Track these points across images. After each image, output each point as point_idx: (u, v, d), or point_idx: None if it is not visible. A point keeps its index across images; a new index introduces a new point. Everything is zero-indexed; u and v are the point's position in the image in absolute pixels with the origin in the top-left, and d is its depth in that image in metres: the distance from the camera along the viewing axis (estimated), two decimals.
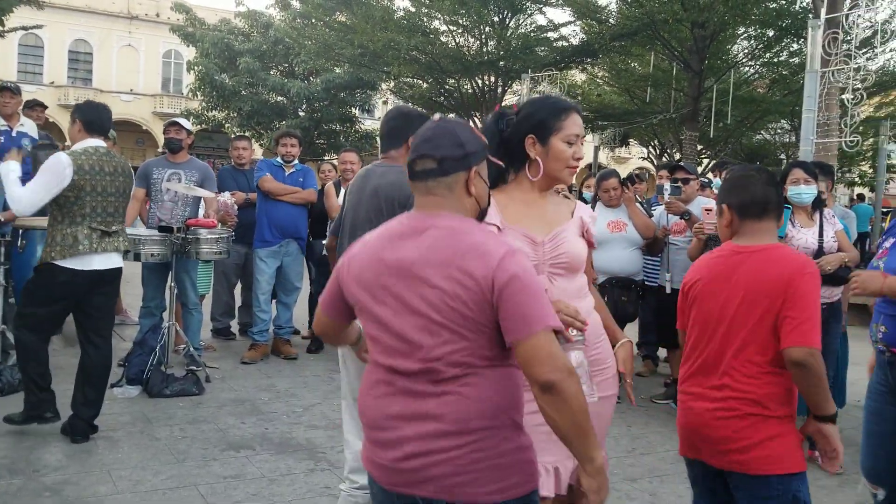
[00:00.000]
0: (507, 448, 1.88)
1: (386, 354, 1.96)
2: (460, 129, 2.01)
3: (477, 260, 1.85)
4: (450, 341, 1.86)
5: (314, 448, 4.58)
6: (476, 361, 1.88)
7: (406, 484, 1.90)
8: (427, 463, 1.86)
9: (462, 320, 1.86)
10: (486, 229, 2.00)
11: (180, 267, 5.87)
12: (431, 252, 1.90)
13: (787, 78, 18.93)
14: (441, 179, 1.97)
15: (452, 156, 1.96)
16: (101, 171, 4.38)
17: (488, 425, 1.87)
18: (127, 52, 37.54)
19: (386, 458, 1.93)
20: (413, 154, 2.00)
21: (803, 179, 4.79)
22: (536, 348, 1.80)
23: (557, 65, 18.20)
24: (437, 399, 1.88)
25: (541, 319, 1.82)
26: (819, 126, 10.09)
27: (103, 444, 4.43)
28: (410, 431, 1.89)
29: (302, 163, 7.04)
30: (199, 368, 5.79)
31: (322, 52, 20.49)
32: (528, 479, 1.92)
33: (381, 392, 1.96)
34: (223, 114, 25.91)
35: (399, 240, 1.97)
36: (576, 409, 1.80)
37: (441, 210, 1.97)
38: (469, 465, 1.85)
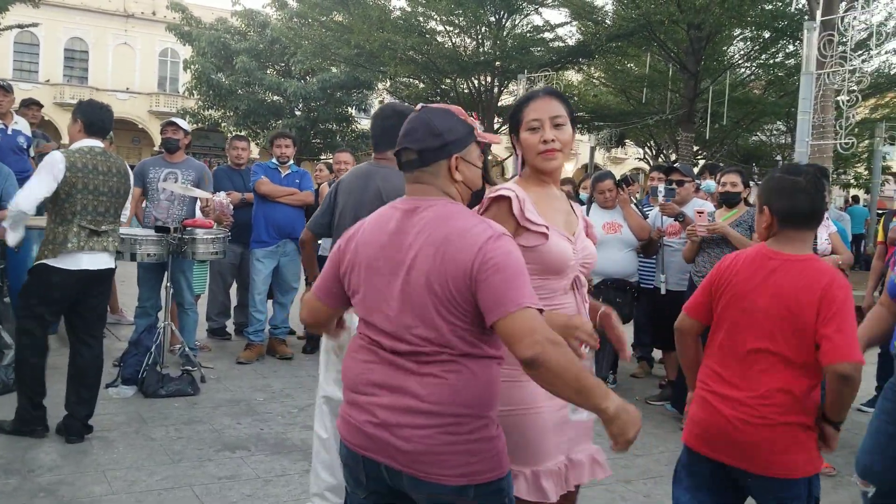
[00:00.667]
0: (477, 437, 1.94)
1: (375, 331, 2.02)
2: (438, 118, 2.05)
3: (460, 245, 1.91)
4: (436, 325, 1.92)
5: (309, 449, 4.55)
6: (462, 348, 1.93)
7: (372, 449, 1.97)
8: (397, 435, 1.92)
9: (448, 304, 1.91)
10: (473, 214, 2.03)
11: (176, 267, 5.87)
12: (420, 236, 1.96)
13: (782, 80, 19.00)
14: (424, 169, 2.04)
15: (430, 146, 2.02)
16: (95, 170, 4.37)
17: (464, 412, 1.92)
18: (123, 50, 37.53)
19: (358, 419, 2.00)
20: (398, 146, 2.08)
21: None
22: (514, 326, 1.82)
23: (554, 65, 18.24)
24: (420, 378, 1.93)
25: (516, 300, 1.84)
26: (814, 128, 10.13)
27: (98, 445, 4.43)
28: (386, 400, 1.95)
29: (298, 163, 7.03)
30: (195, 368, 5.78)
31: (318, 52, 20.52)
32: (495, 466, 1.96)
33: (364, 358, 2.04)
34: (219, 113, 25.92)
35: (391, 224, 2.03)
36: (566, 376, 1.80)
37: (428, 195, 2.04)
38: (438, 446, 1.90)
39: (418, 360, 1.94)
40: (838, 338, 2.35)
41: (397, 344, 1.97)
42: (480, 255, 1.88)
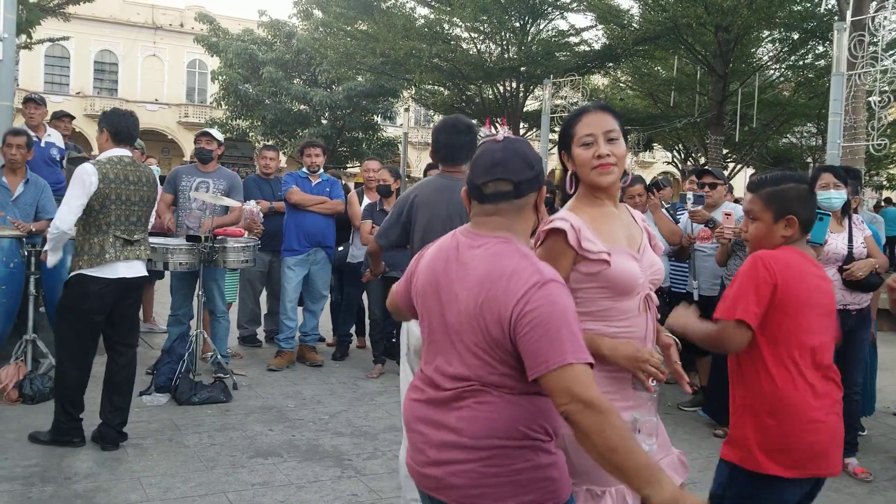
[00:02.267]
0: (522, 466, 1.88)
1: (426, 361, 2.05)
2: (528, 148, 2.02)
3: (504, 287, 1.86)
4: (475, 362, 1.90)
5: (340, 455, 4.59)
6: (497, 382, 1.89)
7: (432, 488, 1.97)
8: (447, 472, 1.92)
9: (485, 344, 1.88)
10: (524, 255, 1.93)
11: (208, 275, 5.92)
12: (470, 273, 1.93)
13: (812, 81, 18.78)
14: (514, 202, 1.97)
15: (527, 178, 1.96)
16: (126, 181, 4.43)
17: (501, 444, 1.87)
18: (152, 62, 38.05)
19: (416, 461, 2.01)
20: (484, 177, 1.97)
21: (833, 184, 4.73)
22: (553, 384, 1.77)
23: (579, 70, 18.17)
24: (457, 412, 1.92)
25: (556, 357, 1.77)
26: (846, 129, 10.00)
27: (133, 452, 4.47)
28: (432, 437, 1.96)
29: (325, 171, 7.07)
30: (227, 376, 5.83)
31: (344, 61, 20.62)
32: (549, 496, 1.90)
33: (414, 396, 2.06)
34: (247, 123, 26.15)
35: (449, 253, 2.02)
36: (597, 441, 1.74)
37: (498, 231, 1.97)
38: (482, 478, 1.87)
39: (456, 393, 1.93)
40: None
41: (439, 378, 1.97)
42: (522, 304, 1.82)
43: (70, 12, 17.35)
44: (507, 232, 1.97)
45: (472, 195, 2.02)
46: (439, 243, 2.10)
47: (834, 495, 4.35)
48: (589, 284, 2.28)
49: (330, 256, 6.89)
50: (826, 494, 4.32)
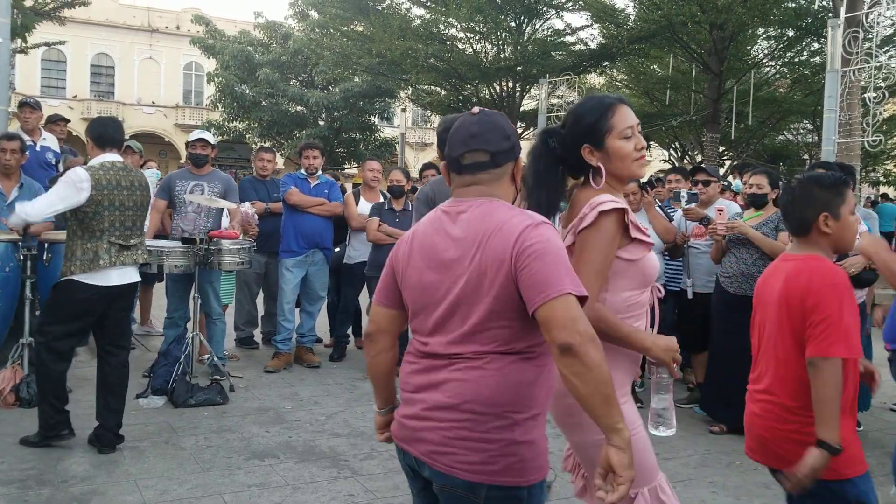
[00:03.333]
0: (494, 437, 1.91)
1: (419, 333, 2.08)
2: (504, 121, 2.08)
3: (499, 237, 1.91)
4: (474, 323, 1.94)
5: (337, 456, 4.60)
6: (493, 348, 1.93)
7: (406, 440, 2.05)
8: (423, 426, 1.99)
9: (490, 299, 1.91)
10: (512, 207, 2.01)
11: (203, 278, 5.92)
12: (464, 236, 1.98)
13: (808, 78, 18.79)
14: (492, 171, 2.03)
15: (503, 148, 2.03)
16: (119, 186, 4.43)
17: (482, 410, 1.92)
18: (148, 64, 38.04)
19: (402, 413, 2.09)
20: (461, 148, 2.04)
21: None
22: (555, 313, 1.80)
23: (575, 69, 18.18)
24: (448, 375, 1.97)
25: (557, 285, 1.82)
26: (841, 126, 10.01)
27: (129, 455, 4.48)
28: (423, 397, 2.01)
29: (322, 171, 7.08)
30: (223, 378, 5.83)
31: (340, 62, 20.63)
32: (514, 472, 1.92)
33: (411, 360, 2.10)
34: (244, 124, 26.14)
35: (437, 227, 2.06)
36: (596, 374, 1.78)
37: (481, 196, 2.03)
38: (454, 440, 1.93)
39: (452, 358, 1.97)
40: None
41: (434, 344, 2.01)
42: (519, 243, 1.88)
43: (65, 16, 17.37)
44: (490, 196, 2.03)
45: (451, 168, 2.08)
46: (420, 224, 2.13)
47: None
48: (624, 274, 2.30)
49: (328, 258, 6.90)
50: None
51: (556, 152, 2.36)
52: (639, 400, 6.00)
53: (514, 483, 1.92)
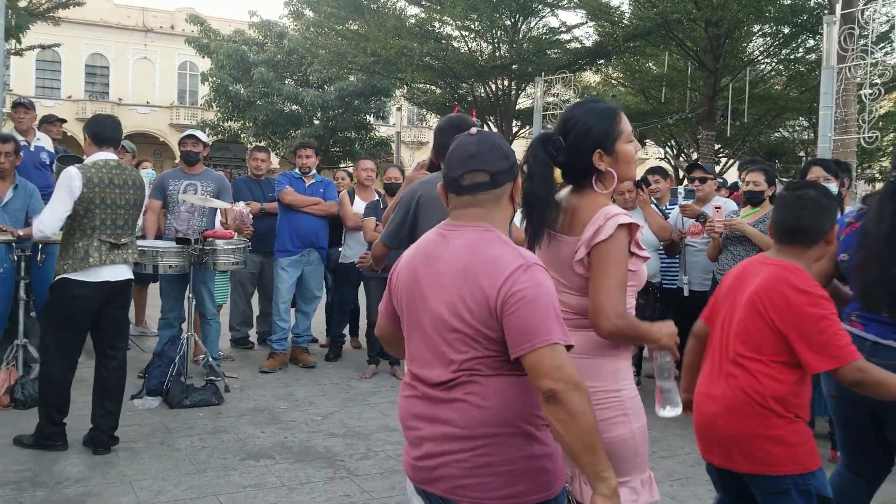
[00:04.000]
0: (515, 455, 1.89)
1: (412, 360, 2.05)
2: (501, 141, 2.07)
3: (488, 273, 1.88)
4: (461, 350, 1.91)
5: (333, 456, 4.58)
6: (483, 370, 1.90)
7: (424, 481, 1.99)
8: (439, 463, 1.93)
9: (472, 330, 1.90)
10: (507, 242, 1.98)
11: (198, 278, 5.89)
12: (453, 263, 1.95)
13: (804, 75, 18.78)
14: (491, 192, 2.01)
15: (502, 168, 2.01)
16: (111, 184, 4.41)
17: (494, 432, 1.89)
18: (143, 64, 37.92)
19: (410, 455, 2.03)
20: (461, 169, 2.01)
21: (822, 177, 4.75)
22: (541, 361, 1.80)
23: (571, 67, 18.15)
24: (448, 405, 1.93)
25: (545, 335, 1.81)
26: (837, 123, 10.01)
27: (124, 456, 4.46)
28: (426, 432, 1.97)
29: (318, 171, 7.05)
30: (219, 378, 5.81)
31: (335, 61, 20.58)
32: (541, 487, 1.91)
33: (407, 393, 2.06)
34: (239, 124, 26.07)
35: (430, 251, 2.03)
36: (581, 423, 1.78)
37: (478, 221, 2.00)
38: (475, 468, 1.89)
39: (446, 386, 1.94)
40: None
41: (429, 373, 1.98)
42: (508, 285, 1.85)
43: (60, 16, 17.28)
44: (486, 222, 2.00)
45: (450, 188, 2.05)
46: (417, 244, 2.10)
47: None
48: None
49: (323, 257, 6.88)
50: None
51: (554, 160, 2.34)
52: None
53: (542, 499, 1.91)
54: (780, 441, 2.53)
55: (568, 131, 2.35)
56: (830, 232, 2.68)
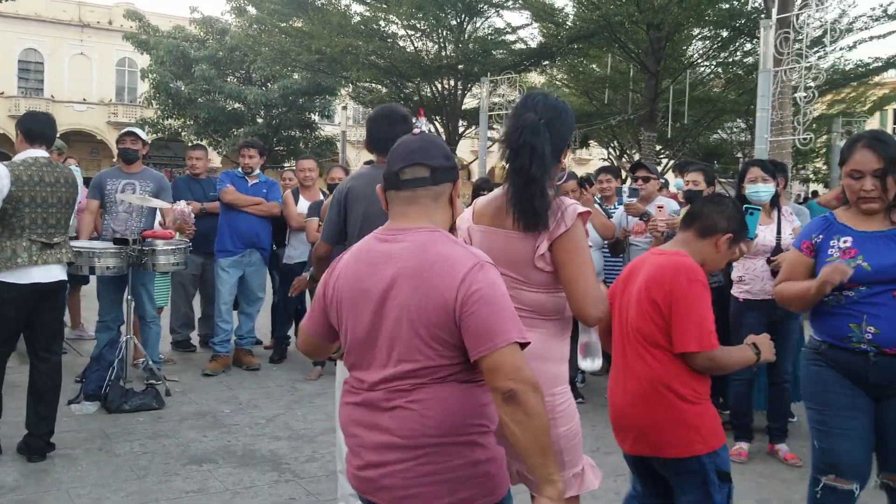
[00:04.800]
0: (458, 463, 1.87)
1: (353, 365, 2.01)
2: (443, 143, 2.11)
3: (442, 274, 1.85)
4: (412, 357, 1.87)
5: (278, 459, 4.52)
6: (429, 380, 1.88)
7: (368, 491, 1.96)
8: (381, 473, 1.90)
9: (425, 335, 1.86)
10: (456, 241, 1.97)
11: (137, 279, 5.74)
12: (402, 267, 1.90)
13: (741, 77, 19.23)
14: (431, 188, 1.99)
15: (443, 165, 2.01)
16: (42, 182, 4.28)
17: (436, 442, 1.87)
18: (79, 60, 36.95)
19: (352, 464, 2.00)
20: (401, 163, 1.99)
21: (761, 178, 4.84)
22: (499, 361, 1.79)
23: (516, 67, 18.28)
24: (389, 413, 1.90)
25: (504, 335, 1.80)
26: (773, 124, 10.25)
27: (61, 463, 4.32)
28: (367, 440, 1.94)
29: (262, 170, 6.95)
30: (159, 382, 5.68)
31: (279, 58, 20.36)
32: (485, 492, 1.90)
33: (348, 400, 2.02)
34: (179, 122, 25.61)
35: (370, 255, 1.98)
36: (536, 423, 1.78)
37: (419, 221, 1.97)
38: (417, 478, 1.86)
39: (388, 392, 1.91)
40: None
41: (371, 378, 1.94)
42: (466, 285, 1.82)
43: None
44: (429, 222, 1.97)
45: (389, 184, 2.02)
46: (355, 249, 2.05)
47: (765, 481, 4.45)
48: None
49: (265, 258, 6.77)
50: (757, 481, 4.44)
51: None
52: (580, 395, 6.06)
53: (488, 502, 1.91)
54: (685, 423, 2.63)
55: (551, 121, 2.38)
56: (721, 236, 2.79)
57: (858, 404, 2.93)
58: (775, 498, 4.22)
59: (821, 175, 27.48)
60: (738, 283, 4.94)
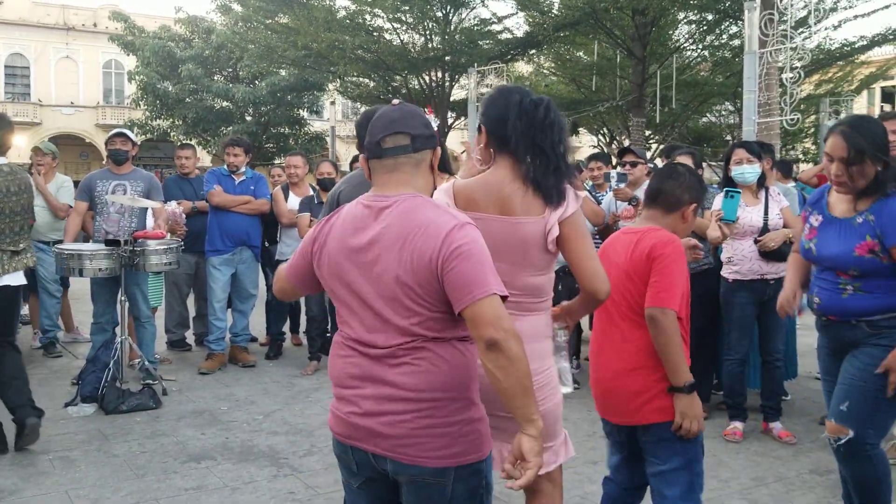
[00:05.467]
0: (455, 419, 2.00)
1: (349, 326, 2.10)
2: (423, 113, 2.17)
3: (425, 237, 1.96)
4: (404, 317, 1.99)
5: (276, 454, 4.54)
6: (430, 335, 1.99)
7: (359, 438, 2.06)
8: (380, 423, 2.01)
9: (416, 296, 1.97)
10: (438, 205, 2.08)
11: (130, 280, 5.76)
12: (386, 232, 2.01)
13: (728, 60, 19.23)
14: (412, 156, 2.08)
15: (423, 133, 2.10)
16: (8, 192, 4.35)
17: (439, 397, 1.99)
18: (65, 64, 36.72)
19: (343, 411, 2.09)
20: (382, 132, 2.08)
21: (746, 159, 4.88)
22: (481, 312, 1.89)
23: (503, 57, 18.27)
24: (395, 369, 2.00)
25: (484, 286, 1.90)
26: (760, 106, 10.29)
27: (60, 465, 4.34)
28: (368, 391, 2.03)
29: (252, 168, 6.94)
30: (156, 382, 5.70)
31: (265, 55, 20.28)
32: (476, 448, 2.03)
33: (345, 353, 2.11)
34: (168, 122, 25.50)
35: (359, 222, 2.07)
36: (518, 367, 1.89)
37: (402, 189, 2.07)
38: (418, 430, 1.98)
39: (392, 352, 2.00)
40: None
41: (372, 338, 2.03)
42: (447, 244, 1.93)
43: None
44: (411, 188, 2.08)
45: (371, 154, 2.11)
46: (344, 213, 2.15)
47: (760, 459, 4.49)
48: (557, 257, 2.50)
49: (256, 255, 6.78)
50: (752, 459, 4.48)
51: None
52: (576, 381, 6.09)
53: (476, 459, 2.03)
54: (664, 391, 2.74)
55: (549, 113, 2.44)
56: (687, 207, 2.91)
57: (830, 370, 3.30)
58: (770, 475, 4.26)
59: (810, 155, 27.56)
60: (727, 263, 4.99)
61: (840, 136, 3.03)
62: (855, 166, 3.00)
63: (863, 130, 3.03)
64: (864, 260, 3.01)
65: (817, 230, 3.20)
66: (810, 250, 3.21)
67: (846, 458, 3.10)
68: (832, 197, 3.23)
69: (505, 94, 2.50)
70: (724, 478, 4.19)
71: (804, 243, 3.27)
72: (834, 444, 3.11)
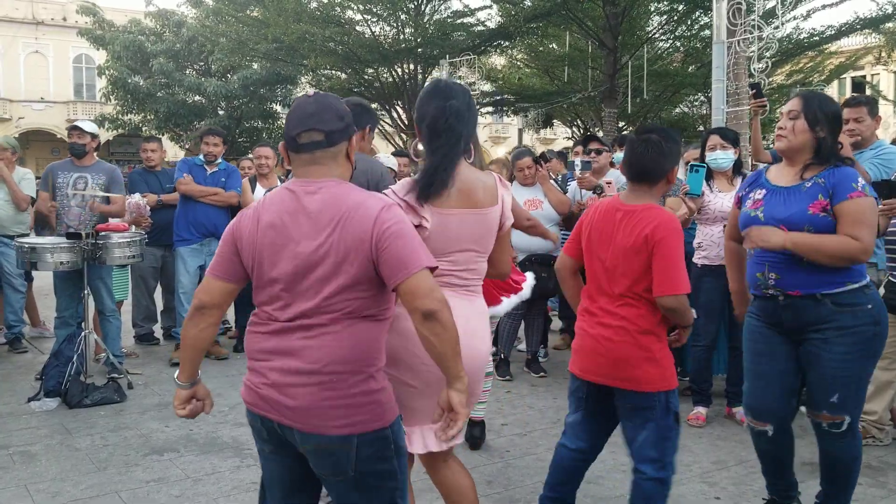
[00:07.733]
0: (355, 391, 2.11)
1: (268, 305, 2.19)
2: (338, 102, 2.24)
3: (358, 218, 2.08)
4: (318, 292, 2.10)
5: (240, 445, 4.52)
6: (339, 312, 2.10)
7: (266, 408, 2.18)
8: (284, 394, 2.13)
9: (346, 275, 2.08)
10: (360, 189, 2.19)
11: (93, 274, 5.70)
12: (318, 215, 2.11)
13: (699, 51, 19.34)
14: (328, 150, 2.18)
15: (337, 128, 2.18)
16: None
17: (341, 370, 2.10)
18: (35, 58, 36.21)
19: (253, 381, 2.21)
20: (297, 128, 2.17)
21: (720, 145, 4.92)
22: (417, 285, 2.04)
23: (475, 49, 18.24)
24: (304, 342, 2.12)
25: (416, 262, 2.05)
26: (729, 95, 10.36)
27: (20, 459, 4.29)
28: (276, 364, 2.15)
29: (225, 160, 6.89)
30: (121, 376, 5.65)
31: (237, 49, 20.15)
32: (378, 417, 2.15)
33: (259, 330, 2.22)
34: (139, 117, 25.25)
35: (287, 206, 2.15)
36: (452, 333, 2.06)
37: (322, 178, 2.17)
38: (319, 401, 2.10)
39: (304, 326, 2.12)
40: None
41: (281, 314, 2.15)
42: (379, 224, 2.06)
43: None
44: (331, 177, 2.18)
45: (289, 147, 2.20)
46: (272, 197, 2.22)
47: (722, 443, 4.54)
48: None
49: None
50: (714, 443, 4.53)
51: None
52: (542, 370, 6.12)
53: (378, 426, 2.15)
54: (656, 362, 2.91)
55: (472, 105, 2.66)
56: (671, 171, 3.01)
57: (776, 351, 3.20)
58: (731, 458, 4.31)
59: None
60: (697, 248, 5.01)
61: (798, 96, 3.17)
62: (798, 121, 3.09)
63: (820, 97, 3.14)
64: (818, 217, 3.00)
65: (763, 200, 3.19)
66: (757, 217, 3.16)
67: (841, 439, 3.15)
68: (771, 173, 3.27)
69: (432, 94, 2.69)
70: (686, 462, 4.22)
71: (748, 213, 3.22)
72: (835, 430, 3.12)
